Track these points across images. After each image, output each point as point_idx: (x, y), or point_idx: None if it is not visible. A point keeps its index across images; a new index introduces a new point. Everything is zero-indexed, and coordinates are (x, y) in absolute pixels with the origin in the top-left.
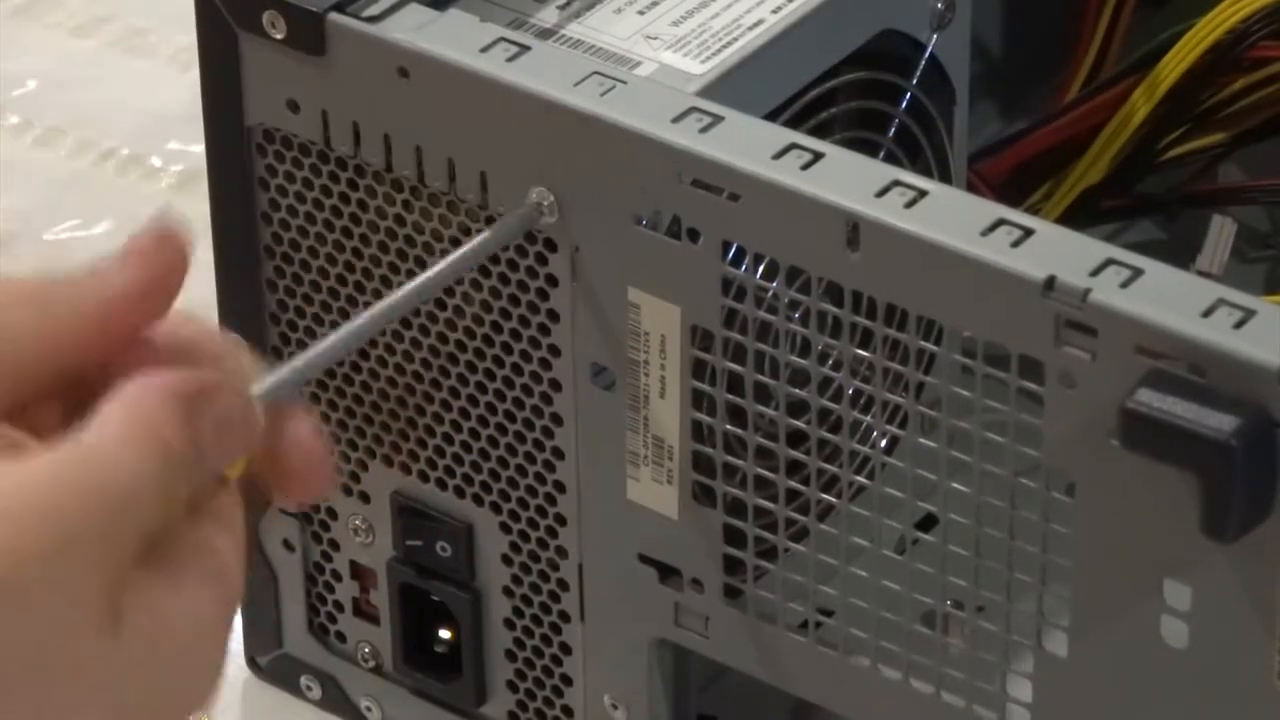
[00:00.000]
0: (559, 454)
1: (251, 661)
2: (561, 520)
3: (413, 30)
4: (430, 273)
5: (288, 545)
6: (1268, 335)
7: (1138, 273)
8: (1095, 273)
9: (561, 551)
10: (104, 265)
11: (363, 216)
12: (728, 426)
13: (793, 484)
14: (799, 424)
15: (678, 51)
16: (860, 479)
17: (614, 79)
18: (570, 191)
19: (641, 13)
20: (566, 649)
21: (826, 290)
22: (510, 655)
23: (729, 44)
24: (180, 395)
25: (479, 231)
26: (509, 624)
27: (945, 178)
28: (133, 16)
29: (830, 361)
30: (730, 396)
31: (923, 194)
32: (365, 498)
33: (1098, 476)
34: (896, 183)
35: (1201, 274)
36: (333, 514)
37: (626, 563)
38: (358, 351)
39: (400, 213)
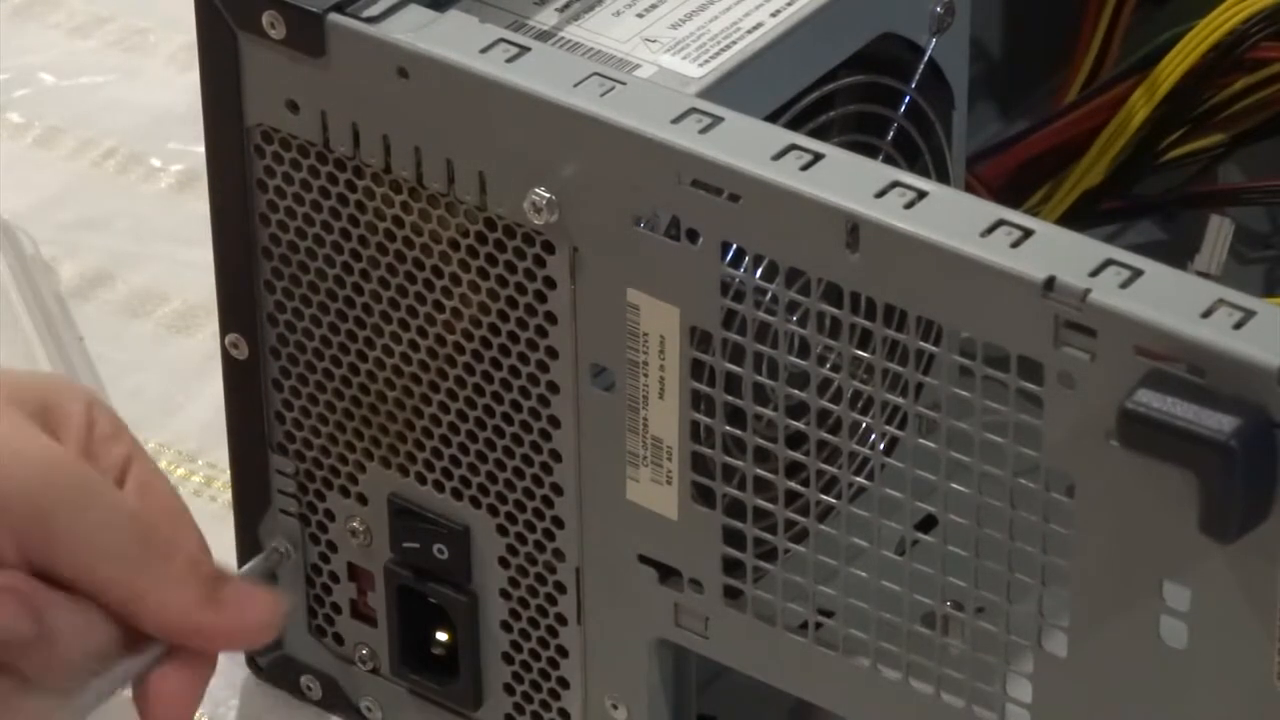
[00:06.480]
0: (557, 456)
1: (251, 662)
2: (559, 522)
3: (412, 31)
4: None
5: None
6: (1267, 336)
7: (1137, 273)
8: (1095, 273)
9: (558, 554)
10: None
11: (361, 217)
12: (727, 427)
13: (792, 485)
14: (798, 425)
15: (676, 54)
16: (860, 480)
17: (614, 80)
18: (569, 192)
19: (640, 15)
20: (563, 651)
21: (826, 291)
22: (507, 658)
23: (727, 47)
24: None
25: (477, 232)
26: (506, 627)
27: (943, 181)
28: (133, 16)
29: (829, 363)
30: (729, 397)
31: (922, 195)
32: (363, 500)
33: (1097, 477)
34: (896, 183)
35: (1199, 274)
36: (330, 516)
37: (626, 563)
38: (356, 352)
39: (399, 213)
